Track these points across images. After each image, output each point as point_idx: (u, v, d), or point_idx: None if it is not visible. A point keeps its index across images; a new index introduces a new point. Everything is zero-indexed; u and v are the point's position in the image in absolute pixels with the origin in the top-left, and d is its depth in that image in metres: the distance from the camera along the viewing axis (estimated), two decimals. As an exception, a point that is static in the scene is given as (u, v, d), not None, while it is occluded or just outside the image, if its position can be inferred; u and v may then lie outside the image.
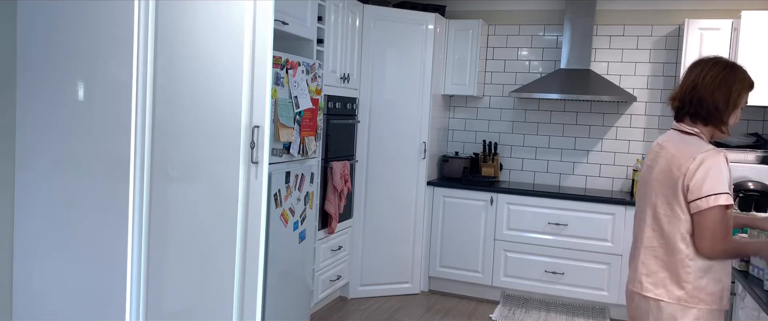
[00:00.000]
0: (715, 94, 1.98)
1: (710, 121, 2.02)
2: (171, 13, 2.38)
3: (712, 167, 1.90)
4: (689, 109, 2.03)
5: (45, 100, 2.56)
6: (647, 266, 2.06)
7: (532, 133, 5.08)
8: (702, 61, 2.05)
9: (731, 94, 1.98)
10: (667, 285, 2.00)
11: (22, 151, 2.62)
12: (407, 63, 4.57)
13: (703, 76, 2.01)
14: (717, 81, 1.98)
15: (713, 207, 1.88)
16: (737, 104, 2.00)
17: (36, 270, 2.63)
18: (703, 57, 2.10)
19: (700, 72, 2.02)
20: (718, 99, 1.98)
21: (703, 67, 2.03)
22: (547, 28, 4.97)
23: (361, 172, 4.48)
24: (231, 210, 2.33)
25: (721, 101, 1.98)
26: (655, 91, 4.70)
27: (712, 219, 1.89)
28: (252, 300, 2.34)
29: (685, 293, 1.97)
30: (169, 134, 2.42)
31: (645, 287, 2.05)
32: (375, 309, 4.38)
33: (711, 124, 2.02)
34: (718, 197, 1.88)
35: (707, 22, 4.25)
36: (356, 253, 4.53)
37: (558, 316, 4.31)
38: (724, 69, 2.00)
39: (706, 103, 1.99)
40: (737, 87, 1.99)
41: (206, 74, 2.35)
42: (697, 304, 1.96)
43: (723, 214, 1.89)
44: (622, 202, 4.32)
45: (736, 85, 1.99)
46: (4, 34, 2.57)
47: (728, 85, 1.98)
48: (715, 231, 1.89)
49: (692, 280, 1.96)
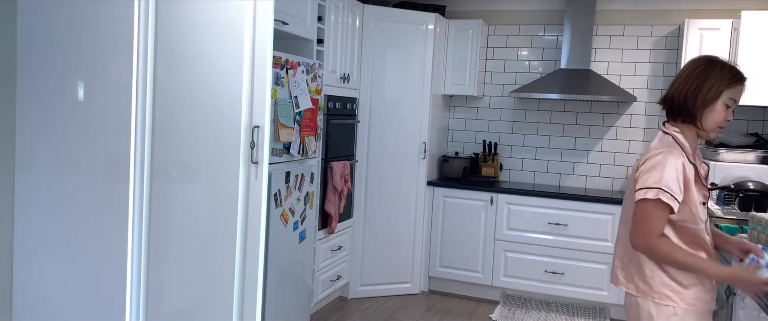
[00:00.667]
0: (684, 89, 1.95)
1: (684, 118, 1.98)
2: (171, 13, 2.38)
3: (661, 163, 1.89)
4: (666, 107, 2.03)
5: (45, 100, 2.56)
6: (622, 260, 2.11)
7: (532, 133, 5.08)
8: (690, 60, 2.04)
9: (702, 89, 1.92)
10: (634, 278, 2.03)
11: (22, 151, 2.62)
12: (407, 63, 4.57)
13: (680, 73, 2.01)
14: (690, 76, 1.95)
15: (644, 200, 1.88)
16: (709, 99, 1.92)
17: (36, 270, 2.63)
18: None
19: (682, 70, 2.02)
20: (687, 93, 1.94)
21: (687, 65, 2.02)
22: (547, 28, 4.97)
23: (361, 172, 4.48)
24: (231, 210, 2.33)
25: (690, 96, 1.93)
26: (655, 91, 4.70)
27: (640, 210, 1.90)
28: (252, 300, 2.34)
29: (649, 288, 1.98)
30: (169, 134, 2.42)
31: (619, 280, 2.11)
32: (375, 309, 4.38)
33: (687, 122, 1.98)
34: (648, 191, 1.87)
35: (707, 22, 4.25)
36: (356, 253, 4.53)
37: (558, 316, 4.31)
38: (701, 65, 1.96)
39: (676, 98, 1.97)
40: (710, 82, 1.92)
41: (206, 74, 2.35)
42: (664, 300, 1.95)
43: (653, 210, 1.88)
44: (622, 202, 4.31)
45: (710, 80, 1.92)
46: (4, 34, 2.57)
47: (700, 80, 1.93)
48: (640, 223, 1.91)
49: (654, 275, 1.97)
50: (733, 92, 1.95)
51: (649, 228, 1.90)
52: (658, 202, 1.87)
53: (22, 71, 2.59)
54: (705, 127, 1.97)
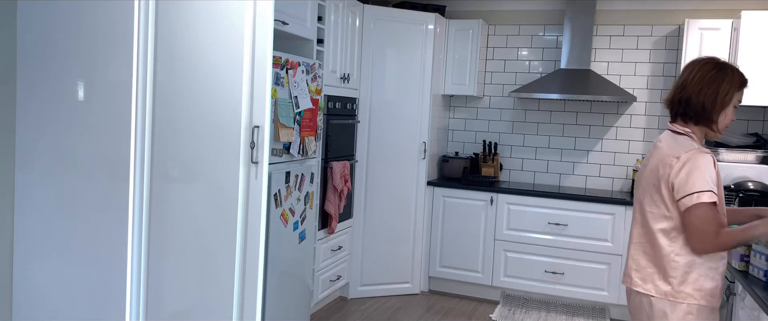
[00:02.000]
0: (702, 94, 2.01)
1: (699, 120, 2.05)
2: (171, 13, 2.38)
3: (697, 166, 1.94)
4: (678, 110, 2.08)
5: (45, 100, 2.56)
6: (636, 262, 2.12)
7: (532, 133, 5.08)
8: (693, 62, 2.09)
9: (718, 93, 2.00)
10: (655, 280, 2.05)
11: (22, 151, 2.62)
12: (407, 63, 4.57)
13: (691, 76, 2.05)
14: (704, 81, 2.01)
15: (698, 204, 1.92)
16: (725, 103, 2.02)
17: (36, 270, 2.63)
18: (697, 58, 2.13)
19: (689, 73, 2.06)
20: (705, 99, 2.01)
21: (693, 67, 2.07)
22: (547, 28, 4.96)
23: (361, 172, 4.48)
24: (231, 210, 2.33)
25: (708, 101, 2.01)
26: (655, 91, 4.70)
27: (698, 217, 1.93)
28: (252, 300, 2.34)
29: (671, 288, 2.01)
30: (169, 134, 2.42)
31: (635, 282, 2.11)
32: (375, 309, 4.38)
33: (701, 124, 2.05)
34: (700, 195, 1.92)
35: (707, 22, 4.25)
36: (356, 253, 4.53)
37: (558, 316, 4.31)
38: (712, 69, 2.03)
39: (693, 103, 2.03)
40: (725, 87, 2.01)
41: (206, 74, 2.35)
42: (685, 299, 1.99)
43: (709, 211, 1.93)
44: (622, 202, 4.32)
45: (724, 85, 2.01)
46: (4, 34, 2.57)
47: (715, 85, 2.00)
48: (704, 228, 1.93)
49: (678, 276, 2.00)
50: (740, 94, 2.05)
51: (711, 229, 1.94)
52: (710, 203, 1.93)
53: (22, 71, 2.59)
54: (719, 129, 2.05)
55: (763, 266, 2.29)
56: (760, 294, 2.13)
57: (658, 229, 2.04)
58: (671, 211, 2.00)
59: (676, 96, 2.07)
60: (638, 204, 2.14)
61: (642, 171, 2.17)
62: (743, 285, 2.33)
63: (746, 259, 2.42)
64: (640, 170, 2.19)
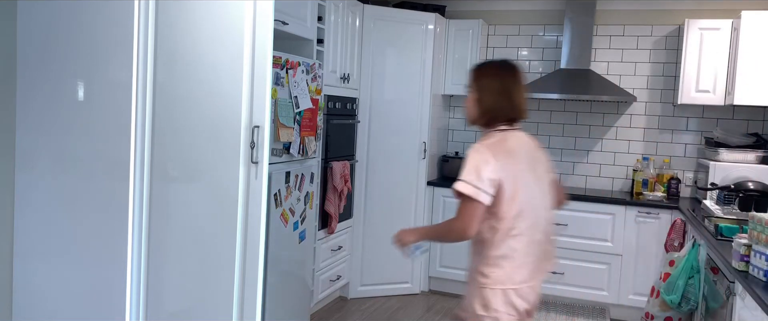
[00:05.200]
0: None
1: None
2: (171, 13, 2.38)
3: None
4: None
5: (45, 100, 2.56)
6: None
7: (532, 133, 5.06)
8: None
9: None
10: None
11: (22, 151, 2.62)
12: (407, 63, 4.57)
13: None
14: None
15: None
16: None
17: (36, 270, 2.63)
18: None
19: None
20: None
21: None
22: (547, 28, 4.96)
23: (361, 172, 4.47)
24: (231, 210, 2.33)
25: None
26: (655, 91, 4.70)
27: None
28: (252, 300, 2.34)
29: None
30: (169, 134, 2.42)
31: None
32: (375, 309, 4.38)
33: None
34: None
35: (707, 22, 4.25)
36: (356, 253, 4.53)
37: (558, 316, 4.31)
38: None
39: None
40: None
41: (206, 74, 2.35)
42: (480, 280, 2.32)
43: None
44: (622, 202, 4.32)
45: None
46: (4, 34, 2.57)
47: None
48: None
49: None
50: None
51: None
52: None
53: (22, 71, 2.59)
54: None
55: (763, 266, 2.29)
56: (760, 294, 2.13)
57: None
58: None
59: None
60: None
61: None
62: (743, 285, 2.33)
63: (746, 259, 2.42)
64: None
